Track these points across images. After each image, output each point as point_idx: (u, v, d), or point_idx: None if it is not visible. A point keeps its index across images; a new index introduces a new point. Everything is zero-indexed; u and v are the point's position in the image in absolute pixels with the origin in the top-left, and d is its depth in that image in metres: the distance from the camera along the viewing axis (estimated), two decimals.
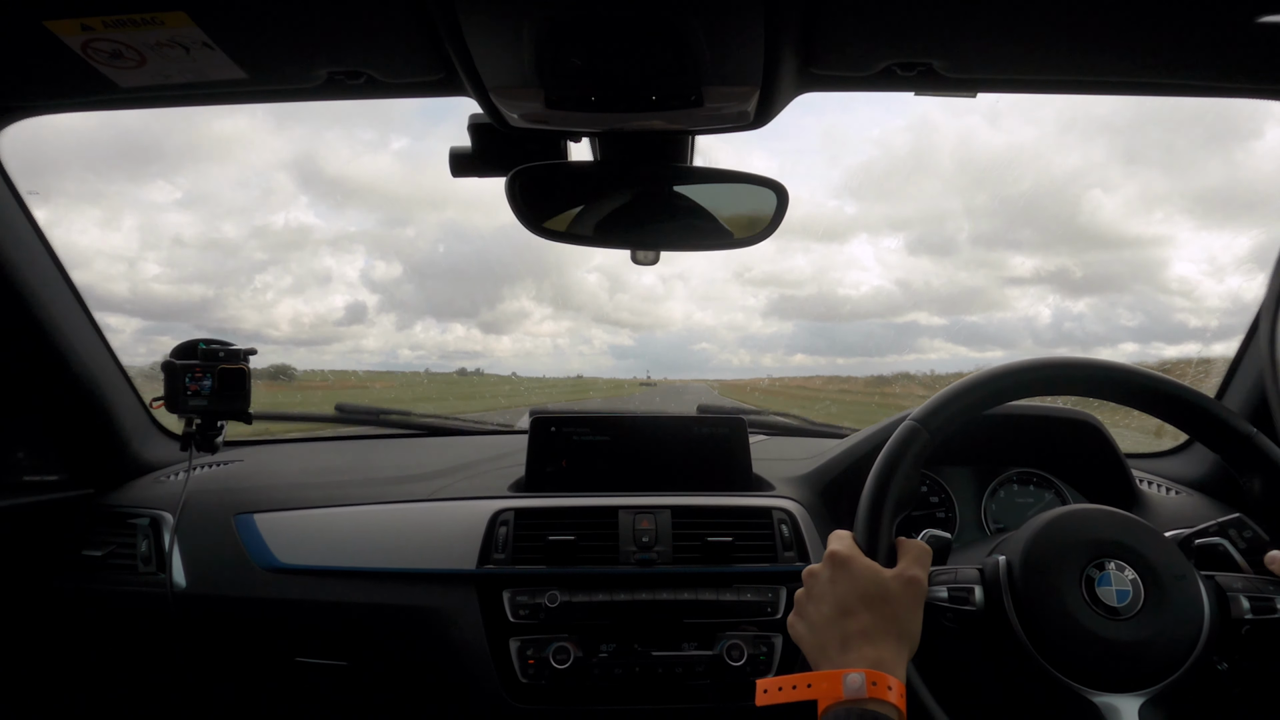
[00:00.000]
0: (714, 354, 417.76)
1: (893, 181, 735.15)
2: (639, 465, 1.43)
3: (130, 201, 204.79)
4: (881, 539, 0.81)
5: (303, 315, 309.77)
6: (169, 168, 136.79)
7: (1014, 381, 0.88)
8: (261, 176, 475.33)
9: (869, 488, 0.84)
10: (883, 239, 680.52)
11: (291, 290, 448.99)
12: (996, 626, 0.80)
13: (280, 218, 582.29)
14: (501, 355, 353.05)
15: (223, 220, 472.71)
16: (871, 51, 0.84)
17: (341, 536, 1.30)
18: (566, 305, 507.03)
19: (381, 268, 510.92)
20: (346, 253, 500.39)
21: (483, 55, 0.79)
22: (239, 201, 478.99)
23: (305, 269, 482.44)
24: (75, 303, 1.37)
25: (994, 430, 1.35)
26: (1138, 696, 0.74)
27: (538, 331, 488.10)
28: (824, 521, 1.32)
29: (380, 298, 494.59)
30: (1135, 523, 0.83)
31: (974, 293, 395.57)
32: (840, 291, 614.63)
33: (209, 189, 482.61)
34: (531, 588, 1.22)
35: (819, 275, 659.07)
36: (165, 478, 1.51)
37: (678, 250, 1.15)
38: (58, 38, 0.79)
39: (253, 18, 0.78)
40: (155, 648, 1.39)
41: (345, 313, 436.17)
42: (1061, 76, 0.92)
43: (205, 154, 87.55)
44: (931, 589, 0.81)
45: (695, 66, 0.81)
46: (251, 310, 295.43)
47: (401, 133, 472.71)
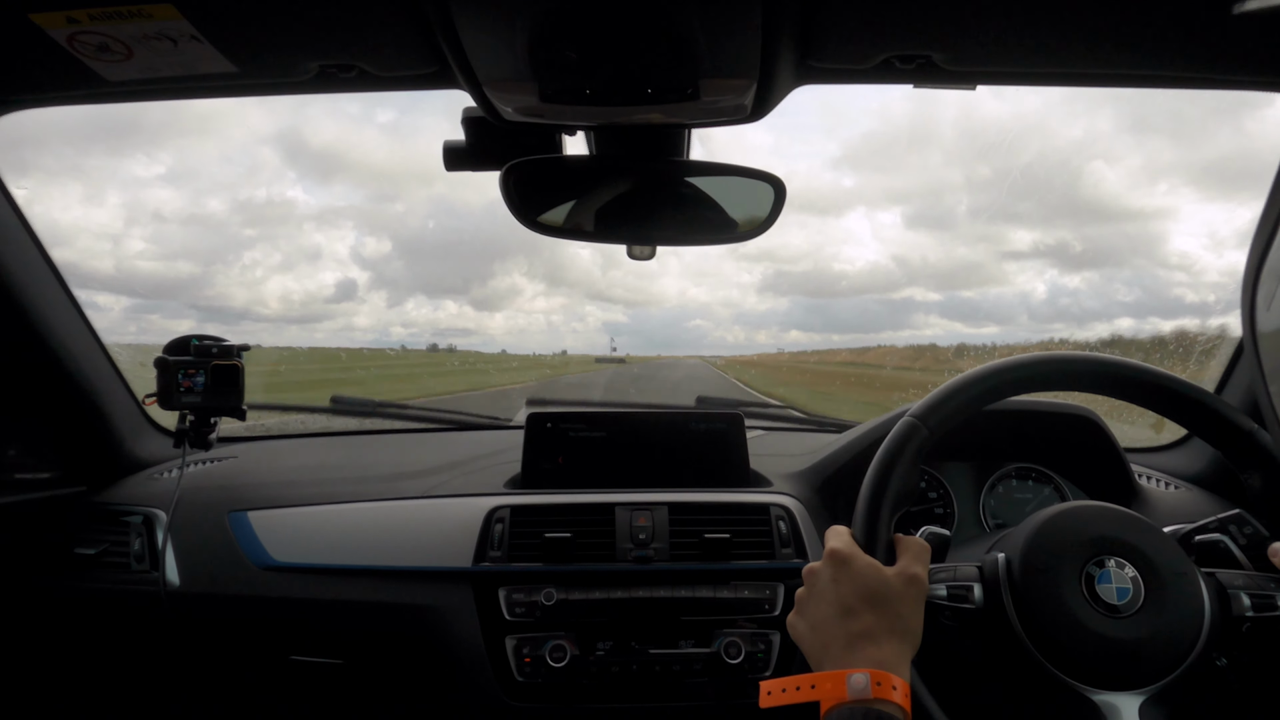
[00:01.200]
0: (708, 330, 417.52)
1: (893, 152, 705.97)
2: (636, 461, 1.42)
3: (111, 177, 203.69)
4: (880, 536, 0.80)
5: (292, 292, 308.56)
6: (148, 141, 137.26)
7: (1014, 377, 0.87)
8: (246, 152, 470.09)
9: (868, 484, 0.83)
10: (880, 213, 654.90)
11: (280, 267, 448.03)
12: (996, 625, 0.80)
13: (265, 193, 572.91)
14: (494, 333, 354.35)
15: (208, 196, 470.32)
16: (870, 44, 0.83)
17: (336, 534, 1.29)
18: (559, 282, 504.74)
19: (371, 244, 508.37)
20: (335, 228, 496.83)
21: (475, 48, 0.78)
22: (224, 177, 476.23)
23: (294, 246, 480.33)
24: (66, 299, 1.35)
25: (993, 425, 1.35)
26: (1138, 695, 0.74)
27: (530, 309, 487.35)
28: (822, 518, 1.32)
29: (371, 275, 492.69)
30: (1135, 519, 0.83)
31: (972, 267, 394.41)
32: (836, 267, 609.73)
33: (193, 164, 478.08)
34: (528, 585, 1.21)
35: (815, 251, 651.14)
36: (159, 475, 1.50)
37: (674, 245, 1.14)
38: (43, 30, 0.77)
39: (242, 10, 0.77)
40: (149, 647, 1.38)
41: (335, 290, 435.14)
42: (1062, 69, 0.91)
43: (187, 129, 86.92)
44: (930, 587, 0.81)
45: (692, 59, 0.80)
46: (240, 288, 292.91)
47: (388, 106, 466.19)
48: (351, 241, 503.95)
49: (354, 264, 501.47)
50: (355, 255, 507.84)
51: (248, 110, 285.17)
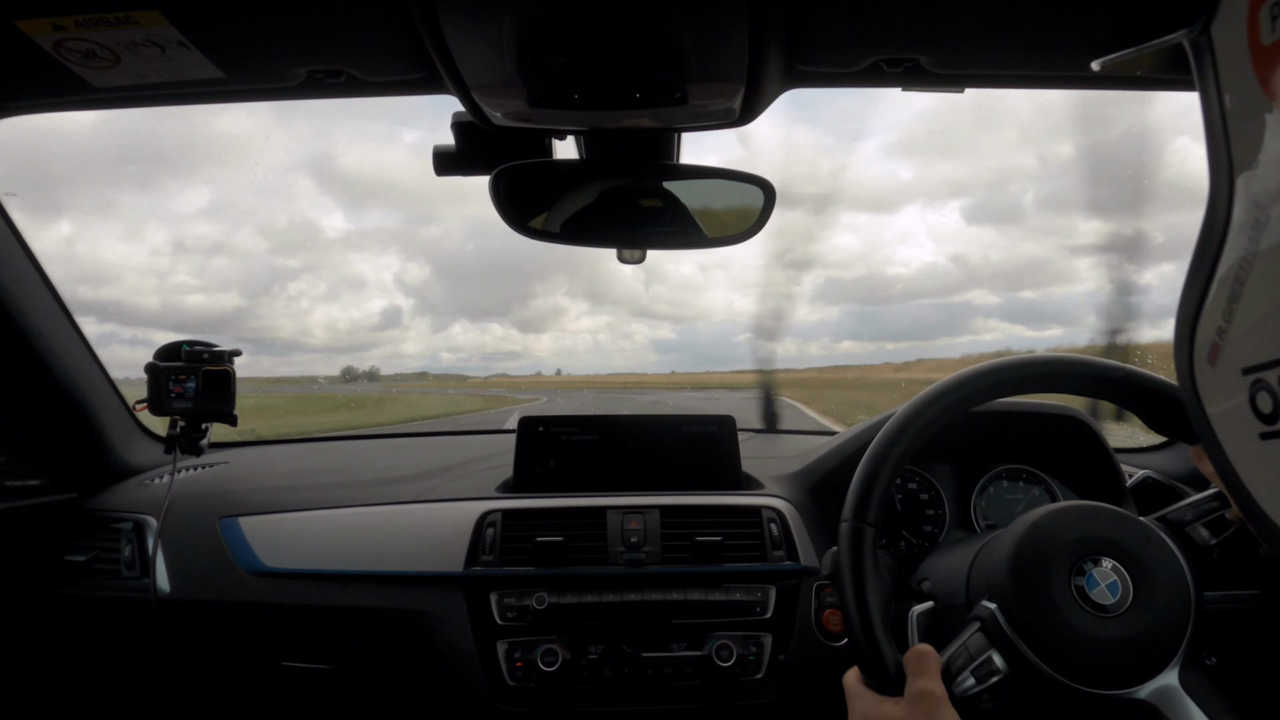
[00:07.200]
0: (759, 345, 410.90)
1: (954, 134, 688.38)
2: (628, 465, 1.42)
3: (147, 212, 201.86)
4: (886, 657, 0.78)
5: (338, 321, 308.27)
6: (182, 172, 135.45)
7: (899, 451, 0.85)
8: (282, 180, 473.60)
9: (852, 614, 0.80)
10: (939, 207, 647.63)
11: (325, 297, 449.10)
12: (1021, 672, 0.77)
13: (304, 220, 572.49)
14: (541, 354, 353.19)
15: (246, 227, 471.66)
16: (857, 47, 0.84)
17: (327, 539, 1.29)
18: (602, 300, 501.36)
19: (413, 270, 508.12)
20: (375, 254, 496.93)
21: (463, 54, 0.78)
22: (263, 208, 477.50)
23: (337, 274, 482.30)
24: (55, 305, 1.35)
25: (983, 426, 1.35)
26: (1156, 681, 0.74)
27: (576, 328, 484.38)
28: (813, 520, 1.32)
29: (415, 301, 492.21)
30: (1116, 514, 0.83)
31: (1038, 265, 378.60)
32: (890, 271, 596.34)
33: (229, 196, 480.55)
34: (519, 589, 1.21)
35: (868, 254, 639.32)
36: (149, 481, 1.50)
37: (664, 249, 1.14)
38: (29, 37, 0.77)
39: (229, 17, 0.77)
40: (139, 653, 1.38)
41: (380, 318, 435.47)
42: (1050, 71, 0.92)
43: (212, 159, 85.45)
44: (955, 683, 0.77)
45: (679, 64, 0.80)
46: (286, 318, 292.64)
47: (412, 124, 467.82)
48: (396, 268, 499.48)
49: (397, 290, 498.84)
50: (398, 281, 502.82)
51: (277, 135, 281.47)
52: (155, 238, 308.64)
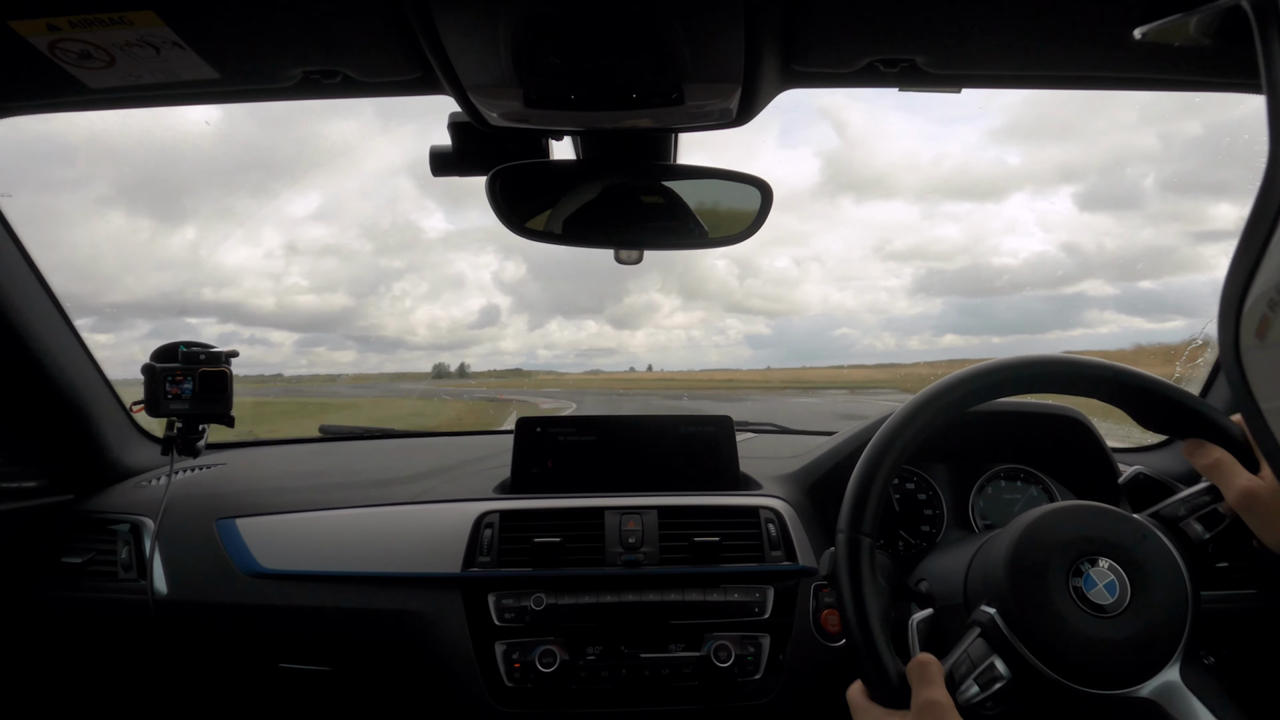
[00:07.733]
0: (856, 339, 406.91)
1: (1066, 117, 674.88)
2: (625, 465, 1.42)
3: (263, 219, 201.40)
4: (889, 668, 0.77)
5: (439, 320, 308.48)
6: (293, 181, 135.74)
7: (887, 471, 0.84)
8: (385, 184, 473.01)
9: (853, 626, 0.79)
10: (1049, 194, 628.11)
11: (427, 296, 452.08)
12: (1023, 676, 0.77)
13: (407, 222, 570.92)
14: (636, 350, 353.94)
15: (354, 230, 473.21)
16: (853, 48, 0.84)
17: (325, 541, 1.29)
18: (696, 295, 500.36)
19: (510, 268, 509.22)
20: (474, 254, 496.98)
21: (459, 54, 0.78)
22: (365, 210, 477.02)
23: (438, 274, 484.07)
24: (52, 306, 1.35)
25: (980, 427, 1.35)
26: (1158, 679, 0.74)
27: (669, 324, 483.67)
28: (811, 520, 1.32)
29: (512, 299, 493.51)
30: (1112, 514, 0.83)
31: (1159, 253, 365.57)
32: (996, 261, 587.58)
33: (336, 201, 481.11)
34: (517, 590, 1.21)
35: (972, 245, 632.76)
36: (146, 482, 1.49)
37: (662, 249, 1.14)
38: (23, 38, 0.77)
39: (224, 17, 0.77)
40: (136, 655, 1.37)
41: (479, 315, 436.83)
42: (1046, 71, 0.91)
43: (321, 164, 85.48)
44: (959, 690, 0.77)
45: (675, 64, 0.80)
46: (391, 317, 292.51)
47: None
48: (494, 267, 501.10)
49: (495, 289, 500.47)
50: (496, 280, 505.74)
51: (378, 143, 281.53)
52: (270, 241, 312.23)
